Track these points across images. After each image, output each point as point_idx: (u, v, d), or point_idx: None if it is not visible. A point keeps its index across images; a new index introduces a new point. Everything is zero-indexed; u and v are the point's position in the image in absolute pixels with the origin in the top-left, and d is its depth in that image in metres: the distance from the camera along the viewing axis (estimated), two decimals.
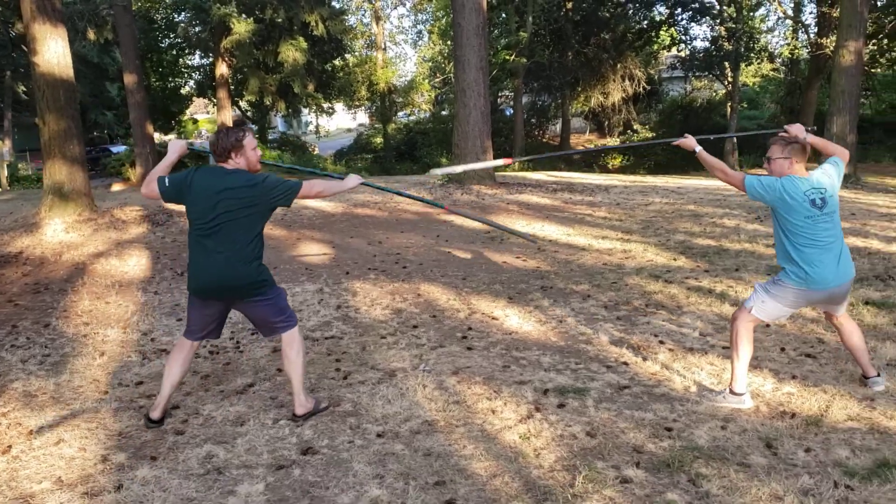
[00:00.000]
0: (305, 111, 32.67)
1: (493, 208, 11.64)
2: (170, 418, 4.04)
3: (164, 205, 3.63)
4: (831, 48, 18.24)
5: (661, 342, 5.14)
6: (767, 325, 5.22)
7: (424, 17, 34.28)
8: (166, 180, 3.76)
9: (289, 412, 4.05)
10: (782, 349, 4.94)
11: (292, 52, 21.38)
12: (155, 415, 3.95)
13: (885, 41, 25.28)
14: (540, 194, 13.29)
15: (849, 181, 16.30)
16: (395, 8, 33.94)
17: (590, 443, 3.61)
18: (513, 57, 22.96)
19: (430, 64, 32.91)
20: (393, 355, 5.03)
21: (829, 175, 3.98)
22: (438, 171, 6.70)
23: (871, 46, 24.76)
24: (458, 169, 6.07)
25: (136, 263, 8.22)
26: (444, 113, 27.84)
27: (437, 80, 29.09)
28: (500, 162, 5.61)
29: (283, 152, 25.34)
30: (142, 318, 6.21)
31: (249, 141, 3.77)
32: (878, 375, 4.19)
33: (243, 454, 3.59)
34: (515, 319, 5.82)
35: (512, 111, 27.89)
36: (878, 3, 24.37)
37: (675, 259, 7.72)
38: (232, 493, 3.22)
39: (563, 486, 3.20)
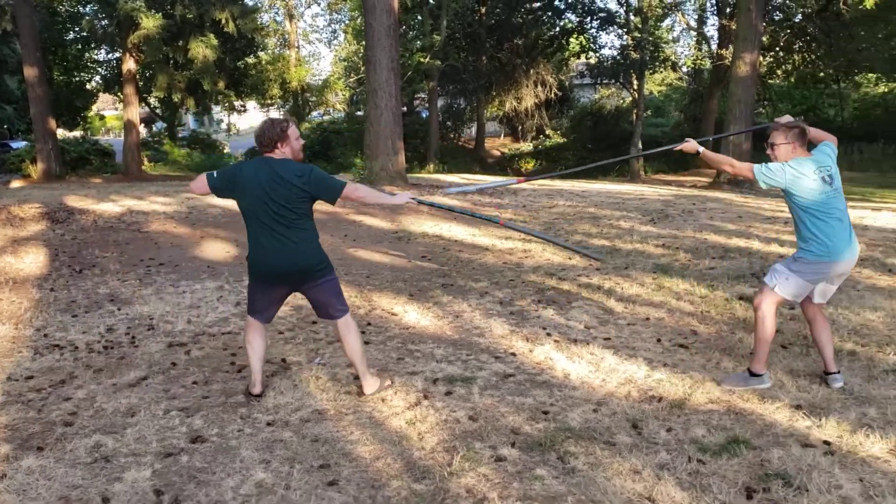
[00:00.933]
0: (217, 109, 32.10)
1: (404, 209, 11.80)
2: (58, 411, 4.05)
3: (197, 195, 3.78)
4: (731, 59, 19.17)
5: (549, 334, 5.42)
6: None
7: (340, 17, 34.30)
8: (215, 173, 3.95)
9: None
10: (658, 340, 5.28)
11: (202, 49, 21.03)
12: (256, 390, 4.17)
13: (782, 54, 26.72)
14: (451, 196, 13.53)
15: (743, 186, 17.24)
16: (309, 7, 33.73)
17: (471, 426, 3.83)
18: (427, 59, 23.23)
19: (345, 64, 32.92)
20: (289, 349, 5.14)
21: (828, 155, 4.28)
22: (453, 191, 6.84)
23: (768, 58, 26.14)
24: (472, 188, 6.23)
25: (32, 261, 8.03)
26: (358, 113, 27.91)
27: (352, 79, 29.12)
28: (514, 180, 5.79)
29: (192, 150, 24.83)
30: (36, 314, 6.11)
31: (293, 131, 3.96)
32: (839, 373, 4.39)
33: (132, 443, 3.65)
34: (414, 315, 6.00)
35: (427, 113, 28.15)
36: (775, 18, 25.76)
37: (570, 258, 8.07)
38: (118, 479, 3.29)
39: (441, 465, 3.39)
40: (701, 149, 4.55)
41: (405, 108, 31.45)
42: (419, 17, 25.99)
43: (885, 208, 11.59)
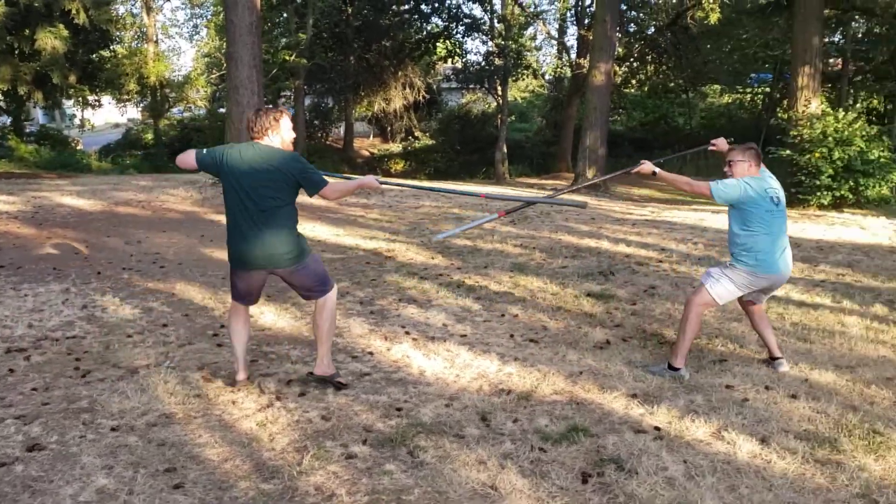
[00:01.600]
0: (69, 103, 30.24)
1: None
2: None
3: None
4: (588, 68, 20.01)
5: (408, 332, 5.51)
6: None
7: (202, 12, 33.16)
8: (204, 150, 4.05)
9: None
10: (511, 336, 5.48)
11: (51, 40, 19.74)
12: (241, 376, 4.30)
13: (636, 64, 28.15)
14: (316, 196, 13.39)
15: (598, 190, 18.06)
16: (168, 0, 32.36)
17: (324, 426, 3.84)
18: (293, 57, 22.85)
19: (208, 60, 31.85)
20: (137, 353, 4.97)
21: (776, 180, 4.60)
22: (441, 236, 6.78)
23: (623, 68, 27.49)
24: (457, 231, 6.25)
25: None
26: (221, 110, 27.10)
27: (214, 76, 28.22)
28: (495, 215, 5.79)
29: (41, 147, 23.29)
30: None
31: (286, 122, 4.07)
32: (783, 358, 4.76)
33: None
34: (271, 316, 5.94)
35: (294, 112, 27.71)
36: (629, 30, 27.13)
37: (433, 258, 8.21)
38: None
39: (291, 464, 3.39)
40: (657, 170, 4.83)
41: (270, 107, 30.82)
42: (284, 15, 25.54)
43: (723, 211, 12.44)
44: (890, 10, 17.11)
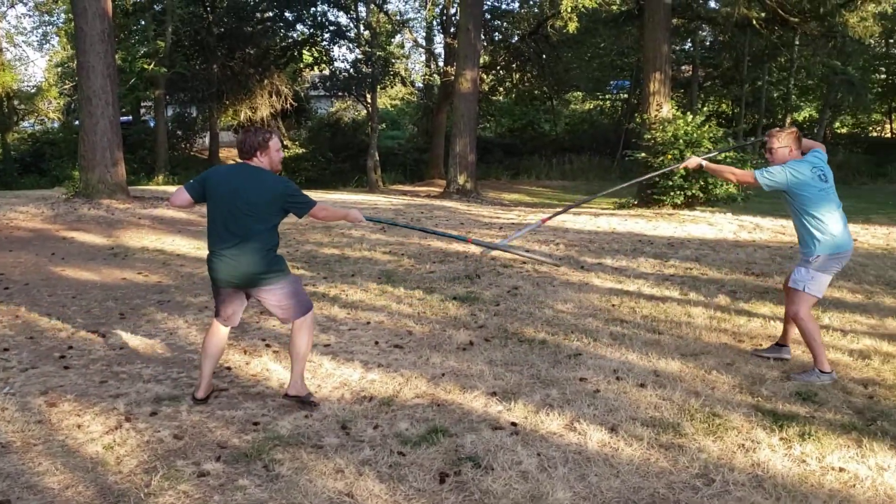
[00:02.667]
0: None
1: (123, 223, 11.10)
2: None
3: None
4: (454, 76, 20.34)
5: (268, 345, 5.40)
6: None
7: (52, 19, 31.28)
8: (192, 181, 4.05)
9: None
10: (376, 342, 5.47)
11: None
12: (200, 394, 4.21)
13: (503, 73, 28.86)
14: (176, 208, 12.92)
15: (469, 196, 18.37)
16: (13, 6, 30.36)
17: (175, 445, 3.70)
18: (152, 66, 21.98)
19: (60, 70, 30.11)
20: None
21: (819, 158, 4.60)
22: (504, 243, 6.42)
23: (490, 76, 28.11)
24: (505, 242, 6.16)
25: None
26: (76, 123, 25.66)
27: (67, 87, 26.69)
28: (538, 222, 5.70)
29: None
30: None
31: (275, 143, 4.05)
32: (788, 347, 4.99)
33: None
34: (123, 335, 5.66)
35: (154, 122, 26.61)
36: (495, 38, 27.78)
37: (297, 268, 8.08)
38: None
39: (139, 487, 3.25)
40: (704, 162, 4.90)
41: (130, 117, 29.49)
42: (143, 22, 24.51)
43: (584, 213, 12.97)
44: (731, 19, 18.33)
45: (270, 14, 24.78)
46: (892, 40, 29.81)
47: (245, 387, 4.56)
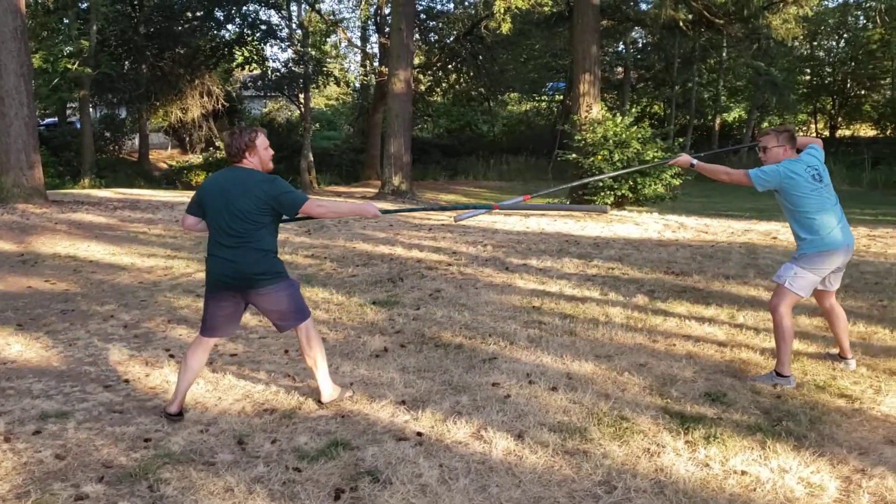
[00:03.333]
0: None
1: (38, 228, 10.63)
2: None
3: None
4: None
5: (172, 356, 5.16)
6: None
7: None
8: (190, 204, 4.03)
9: None
10: (286, 351, 5.28)
11: None
12: (172, 409, 4.03)
13: (440, 73, 28.80)
14: (96, 212, 12.49)
15: (405, 196, 18.23)
16: None
17: (56, 465, 3.47)
18: (76, 66, 21.21)
19: None
20: None
21: (814, 156, 4.50)
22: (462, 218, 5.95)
23: (427, 77, 28.02)
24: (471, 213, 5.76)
25: None
26: None
27: None
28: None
29: None
30: None
31: (262, 141, 3.96)
32: (852, 358, 4.76)
33: None
34: (18, 347, 5.35)
35: (80, 124, 25.72)
36: (431, 39, 27.71)
37: None
38: None
39: None
40: (695, 161, 4.77)
41: (56, 119, 28.50)
42: (66, 21, 23.65)
43: (516, 214, 12.95)
44: (658, 20, 18.62)
45: (200, 13, 24.20)
46: (815, 43, 30.84)
47: (141, 401, 4.33)
